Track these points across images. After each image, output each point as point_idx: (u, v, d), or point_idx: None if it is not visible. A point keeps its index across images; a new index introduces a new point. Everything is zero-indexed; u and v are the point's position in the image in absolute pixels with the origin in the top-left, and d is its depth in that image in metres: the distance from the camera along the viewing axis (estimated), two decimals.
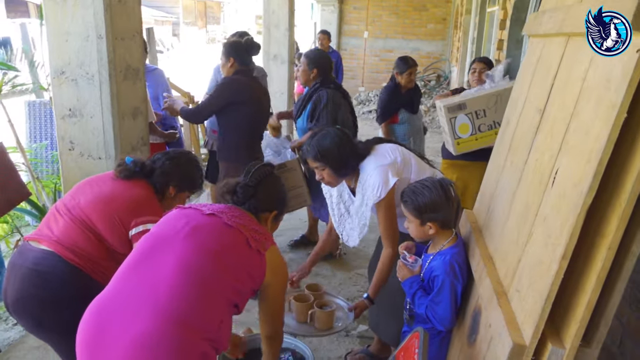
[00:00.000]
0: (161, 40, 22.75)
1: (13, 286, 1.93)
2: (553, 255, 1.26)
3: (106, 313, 1.52)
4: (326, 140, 2.30)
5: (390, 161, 2.31)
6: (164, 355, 1.44)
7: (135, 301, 1.50)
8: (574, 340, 1.23)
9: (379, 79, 12.67)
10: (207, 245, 1.61)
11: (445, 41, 12.42)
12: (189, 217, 1.70)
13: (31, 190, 3.67)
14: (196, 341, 1.49)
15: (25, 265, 1.92)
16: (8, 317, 3.37)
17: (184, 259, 1.56)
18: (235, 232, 1.68)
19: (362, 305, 2.39)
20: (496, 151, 2.19)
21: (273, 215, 1.93)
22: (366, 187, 2.31)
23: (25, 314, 1.94)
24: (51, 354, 2.83)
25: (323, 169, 2.31)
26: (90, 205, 1.99)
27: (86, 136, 2.95)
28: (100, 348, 1.48)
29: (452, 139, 3.49)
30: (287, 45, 6.84)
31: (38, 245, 1.96)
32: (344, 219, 2.56)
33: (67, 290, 1.89)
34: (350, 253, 4.26)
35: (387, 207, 2.29)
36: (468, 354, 1.77)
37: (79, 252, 1.93)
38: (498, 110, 3.34)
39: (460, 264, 1.91)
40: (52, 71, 2.90)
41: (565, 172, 1.32)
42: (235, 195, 1.86)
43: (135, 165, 2.12)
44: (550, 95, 1.59)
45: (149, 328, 1.45)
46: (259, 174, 1.89)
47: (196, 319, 1.51)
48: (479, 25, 6.86)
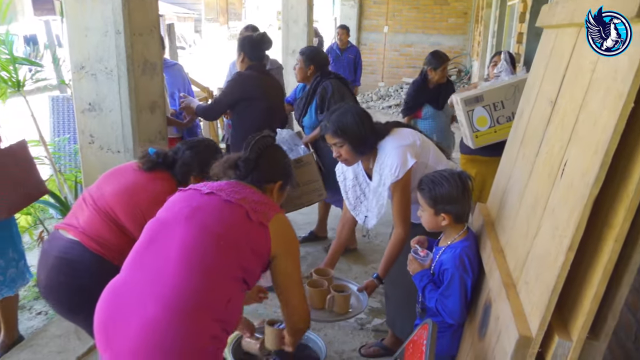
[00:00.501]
0: (183, 36, 22.96)
1: (44, 273, 2.02)
2: (560, 247, 1.25)
3: (117, 298, 1.57)
4: (346, 116, 2.27)
5: (410, 142, 2.30)
6: (172, 340, 1.47)
7: (142, 288, 1.54)
8: (581, 332, 1.22)
9: (398, 74, 12.60)
10: (207, 225, 1.59)
11: (466, 35, 12.28)
12: (189, 198, 1.69)
13: (53, 183, 3.77)
14: (205, 324, 1.51)
15: (54, 254, 2.01)
16: (32, 306, 3.47)
17: (185, 242, 1.56)
18: (235, 208, 1.64)
19: (371, 285, 2.37)
20: (509, 144, 2.18)
21: (278, 186, 1.87)
22: (384, 167, 2.29)
23: (55, 299, 2.04)
24: (72, 342, 2.90)
25: (342, 145, 2.28)
26: (114, 197, 2.03)
27: (105, 130, 3.00)
28: (112, 332, 1.53)
29: (470, 132, 3.46)
30: (305, 40, 6.84)
31: (66, 234, 2.03)
32: (360, 201, 2.54)
33: (93, 278, 1.93)
34: (366, 248, 4.27)
35: (403, 188, 2.27)
36: (478, 348, 1.77)
37: (103, 242, 1.98)
38: (516, 102, 3.29)
39: (471, 257, 1.90)
40: (72, 66, 2.96)
41: (574, 163, 1.31)
42: (238, 169, 1.82)
43: (158, 156, 2.14)
44: (562, 86, 1.57)
45: (156, 314, 1.48)
46: (259, 146, 1.85)
47: (202, 302, 1.51)
48: (499, 18, 6.78)
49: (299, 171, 3.49)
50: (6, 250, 2.73)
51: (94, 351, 2.86)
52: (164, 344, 1.47)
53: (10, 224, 2.79)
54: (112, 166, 2.99)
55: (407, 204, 2.31)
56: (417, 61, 12.54)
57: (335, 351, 2.94)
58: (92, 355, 2.82)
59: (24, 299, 3.50)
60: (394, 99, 11.84)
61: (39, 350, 2.83)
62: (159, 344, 1.47)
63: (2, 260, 2.71)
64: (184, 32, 24.14)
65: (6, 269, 2.73)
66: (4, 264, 2.71)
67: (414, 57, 12.58)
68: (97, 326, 1.59)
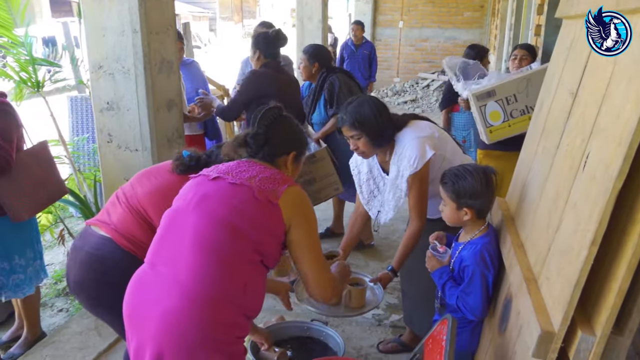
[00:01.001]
0: (198, 35, 23.08)
1: (74, 268, 2.04)
2: (582, 242, 1.23)
3: (140, 288, 1.61)
4: (364, 107, 2.24)
5: (428, 134, 2.27)
6: (192, 329, 1.48)
7: (161, 280, 1.56)
8: (605, 327, 1.20)
9: (414, 69, 12.51)
10: (215, 213, 1.57)
11: (483, 29, 12.15)
12: (197, 186, 1.67)
13: (73, 182, 3.81)
14: (224, 311, 1.52)
15: (85, 250, 2.03)
16: (53, 303, 3.53)
17: (196, 232, 1.56)
18: (241, 190, 1.60)
19: (386, 277, 2.33)
20: (529, 137, 2.15)
21: (292, 157, 1.80)
22: (402, 158, 2.26)
23: (84, 295, 2.06)
24: (92, 339, 2.95)
25: (359, 137, 2.25)
26: (146, 196, 2.04)
27: (123, 129, 3.03)
28: (136, 321, 1.58)
29: (483, 127, 3.43)
30: (320, 37, 6.83)
31: (98, 230, 2.05)
32: (373, 195, 2.52)
33: (122, 275, 1.93)
34: (383, 244, 4.25)
35: (421, 180, 2.24)
36: (499, 343, 1.75)
37: (133, 240, 2.00)
38: (530, 95, 3.26)
39: (491, 253, 1.88)
40: (90, 66, 2.99)
41: (596, 156, 1.29)
42: (248, 146, 1.77)
43: (191, 159, 2.13)
44: (583, 77, 1.54)
45: (174, 304, 1.50)
46: (267, 118, 1.77)
47: (219, 289, 1.51)
48: (516, 11, 6.69)
49: (314, 167, 3.49)
50: (25, 250, 2.78)
51: (115, 347, 2.90)
52: (185, 333, 1.49)
53: (31, 224, 2.83)
54: (130, 165, 3.05)
55: (425, 197, 2.29)
56: (432, 56, 12.44)
57: (353, 347, 2.93)
58: (113, 352, 2.86)
59: (45, 297, 3.56)
60: (409, 94, 11.78)
61: (61, 346, 2.88)
62: (180, 332, 1.49)
63: (23, 260, 2.75)
64: (199, 31, 24.27)
65: (26, 268, 2.78)
66: (24, 263, 2.76)
67: (429, 52, 12.48)
68: (125, 316, 1.65)
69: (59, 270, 3.96)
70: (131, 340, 1.61)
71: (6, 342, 3.03)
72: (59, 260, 4.12)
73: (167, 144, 3.15)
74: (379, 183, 2.49)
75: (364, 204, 2.57)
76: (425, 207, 2.30)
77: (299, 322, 2.66)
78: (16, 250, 2.72)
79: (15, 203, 2.61)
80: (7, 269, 2.69)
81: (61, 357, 2.79)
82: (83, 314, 3.20)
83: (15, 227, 2.69)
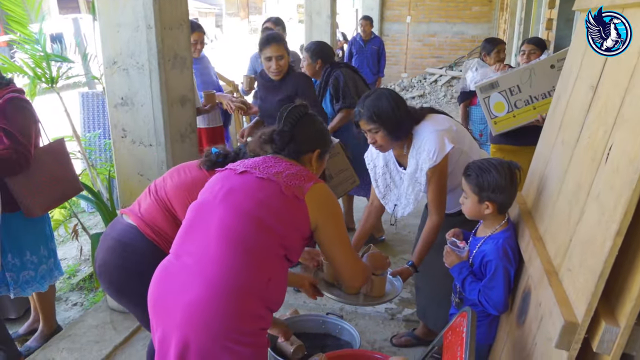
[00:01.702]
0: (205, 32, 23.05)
1: (101, 253, 2.11)
2: (607, 233, 1.23)
3: (167, 277, 1.63)
4: (381, 100, 2.22)
5: (446, 127, 2.27)
6: (218, 319, 1.50)
7: (187, 271, 1.58)
8: (629, 318, 1.20)
9: (422, 65, 12.48)
10: (242, 206, 1.60)
11: (491, 24, 12.09)
12: (224, 179, 1.70)
13: (86, 177, 3.84)
14: (249, 303, 1.54)
15: (112, 236, 2.10)
16: (68, 297, 3.56)
17: (222, 224, 1.58)
18: (268, 184, 1.63)
19: (406, 272, 2.33)
20: (546, 131, 2.15)
21: (316, 155, 1.84)
22: (421, 152, 2.25)
23: (107, 279, 2.11)
24: (108, 332, 2.97)
25: (377, 131, 2.23)
26: (173, 190, 2.09)
27: (137, 124, 3.05)
28: (161, 311, 1.61)
29: (489, 119, 3.44)
30: (329, 32, 6.82)
31: (127, 218, 2.12)
32: (389, 189, 2.51)
33: (143, 263, 1.98)
34: (395, 239, 4.26)
35: (441, 174, 2.23)
36: (517, 335, 1.76)
37: (157, 230, 2.05)
38: (533, 85, 3.28)
39: (513, 247, 1.88)
40: (105, 61, 3.00)
41: (620, 148, 1.29)
42: (274, 143, 1.80)
43: (218, 156, 2.16)
44: (604, 70, 1.54)
45: (201, 294, 1.52)
46: (293, 117, 1.81)
47: (245, 281, 1.53)
48: (526, 5, 6.66)
49: (329, 163, 3.50)
50: (38, 247, 2.78)
51: (130, 341, 2.93)
52: (210, 322, 1.51)
53: (43, 221, 2.84)
54: (144, 160, 3.07)
55: (444, 190, 2.28)
56: (440, 51, 12.40)
57: (367, 341, 2.94)
58: (128, 345, 2.89)
59: (59, 291, 3.60)
60: (417, 89, 11.75)
61: (77, 339, 2.91)
62: (205, 322, 1.51)
63: (35, 257, 2.76)
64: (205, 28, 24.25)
65: (38, 265, 2.78)
66: (37, 260, 2.77)
67: (437, 47, 12.44)
68: (150, 305, 1.67)
69: (72, 265, 4.00)
70: (156, 331, 1.64)
71: (22, 335, 3.06)
72: (72, 255, 4.15)
73: (180, 139, 3.16)
74: (395, 177, 2.49)
75: (380, 198, 2.56)
76: (444, 200, 2.29)
77: (314, 316, 2.67)
78: (28, 246, 2.73)
79: (29, 199, 2.62)
80: (17, 265, 2.70)
81: (77, 350, 2.82)
82: (98, 307, 3.23)
83: (28, 223, 2.70)
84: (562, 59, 3.22)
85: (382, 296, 2.26)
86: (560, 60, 3.23)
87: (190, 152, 3.16)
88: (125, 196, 3.09)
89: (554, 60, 3.25)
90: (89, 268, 3.89)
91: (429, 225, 2.32)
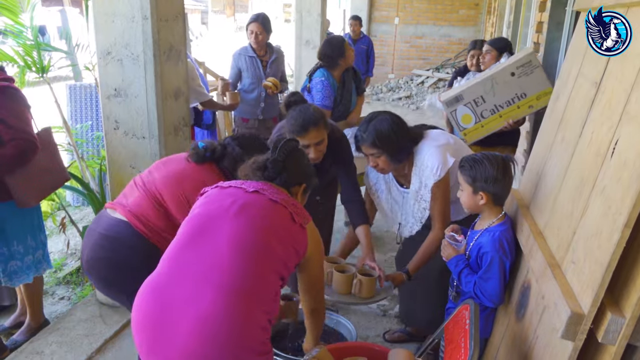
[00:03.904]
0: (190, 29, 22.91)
1: (87, 248, 2.09)
2: (614, 225, 1.26)
3: (166, 292, 1.55)
4: (383, 126, 2.25)
5: (445, 142, 2.32)
6: (229, 328, 1.47)
7: (195, 279, 1.53)
8: (635, 309, 1.22)
9: (409, 66, 12.55)
10: (257, 222, 1.63)
11: (477, 27, 12.21)
12: (235, 195, 1.71)
13: (76, 169, 3.78)
14: (257, 315, 1.54)
15: (98, 230, 2.08)
16: (54, 291, 3.50)
17: (237, 236, 1.59)
18: (280, 208, 1.69)
19: (399, 278, 2.36)
20: (544, 129, 2.17)
21: (303, 189, 1.91)
22: (423, 169, 2.29)
23: (96, 274, 2.09)
24: (98, 326, 2.93)
25: (379, 156, 2.28)
26: (162, 182, 2.10)
27: (130, 116, 3.01)
28: (164, 326, 1.50)
29: (458, 131, 3.50)
30: (319, 31, 6.82)
31: (114, 213, 2.10)
32: (394, 211, 2.55)
33: (133, 256, 1.99)
34: (385, 236, 4.27)
35: (445, 188, 2.28)
36: (517, 329, 1.78)
37: (147, 223, 2.04)
38: (497, 94, 3.34)
39: (509, 240, 1.91)
40: (99, 52, 2.96)
41: (627, 142, 1.31)
42: (266, 170, 1.84)
43: (206, 150, 2.18)
44: (607, 67, 1.56)
45: (213, 304, 1.48)
46: (287, 148, 1.88)
47: (256, 294, 1.54)
48: (515, 8, 6.73)
49: None
50: (25, 237, 2.74)
51: (120, 334, 2.89)
52: (218, 334, 1.46)
53: (32, 211, 2.79)
54: (137, 152, 3.03)
55: (448, 203, 2.32)
56: (427, 53, 12.49)
57: (360, 336, 2.95)
58: (119, 338, 2.85)
59: (46, 285, 3.53)
60: (404, 90, 11.81)
61: (66, 333, 2.86)
62: (213, 334, 1.46)
63: (21, 247, 2.71)
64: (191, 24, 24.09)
65: (24, 256, 2.74)
66: (22, 250, 2.72)
67: (424, 49, 12.53)
68: (141, 322, 1.56)
69: (59, 259, 3.93)
70: (148, 356, 1.54)
71: (8, 328, 3.00)
72: (59, 249, 4.08)
73: (174, 132, 3.13)
74: (397, 197, 2.52)
75: (386, 220, 2.63)
76: (449, 213, 2.34)
77: None
78: (15, 236, 2.68)
79: (22, 190, 2.59)
80: (5, 254, 2.66)
81: (67, 344, 2.78)
82: (87, 301, 3.18)
83: (17, 213, 2.66)
84: (521, 65, 3.27)
85: (373, 297, 2.30)
86: (520, 67, 3.27)
87: (183, 145, 3.13)
88: (116, 188, 3.05)
89: (513, 67, 3.29)
90: (76, 262, 3.83)
91: (431, 236, 2.35)
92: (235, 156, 2.20)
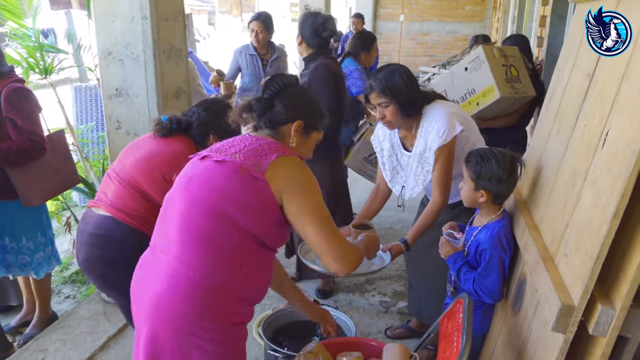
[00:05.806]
0: (197, 29, 23.00)
1: (81, 249, 2.11)
2: (603, 216, 1.25)
3: (140, 272, 1.63)
4: (394, 75, 2.19)
5: (457, 111, 2.27)
6: (181, 316, 1.46)
7: (157, 263, 1.54)
8: (625, 301, 1.22)
9: (415, 63, 12.50)
10: (199, 198, 1.48)
11: (483, 23, 12.16)
12: (187, 168, 1.59)
13: (80, 169, 3.81)
14: (217, 300, 1.47)
15: (87, 230, 2.10)
16: (60, 290, 3.54)
17: (182, 218, 1.49)
18: (225, 167, 1.48)
19: (397, 248, 2.24)
20: (540, 123, 2.17)
21: (297, 126, 1.61)
22: (430, 131, 2.22)
23: (93, 273, 2.12)
24: (102, 324, 2.96)
25: (387, 105, 2.19)
26: (134, 166, 2.08)
27: (132, 115, 3.03)
28: (136, 304, 1.60)
29: None
30: None
31: (97, 210, 2.11)
32: (396, 172, 2.48)
33: (126, 249, 1.99)
34: (388, 233, 4.27)
35: (448, 154, 2.21)
36: (513, 323, 1.78)
37: (131, 212, 2.05)
38: (455, 89, 3.34)
39: (507, 236, 1.89)
40: (100, 52, 2.99)
41: (617, 133, 1.30)
42: (253, 111, 1.63)
43: (171, 122, 2.15)
44: (600, 59, 1.55)
45: (163, 290, 1.48)
46: (276, 85, 1.64)
47: (209, 279, 1.45)
48: (519, 3, 6.71)
49: None
50: (35, 234, 2.79)
51: (124, 332, 2.91)
52: (174, 319, 1.47)
53: (40, 209, 2.83)
54: None
55: (450, 172, 2.24)
56: (433, 50, 12.45)
57: (362, 333, 2.95)
58: (122, 336, 2.87)
59: (52, 283, 3.56)
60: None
61: (70, 331, 2.89)
62: (169, 318, 1.47)
63: (31, 243, 2.77)
64: (198, 25, 24.18)
65: (35, 252, 2.79)
66: (33, 246, 2.77)
67: (430, 46, 12.50)
68: (131, 298, 1.66)
69: (64, 258, 3.97)
70: (137, 326, 1.62)
71: (14, 327, 3.04)
72: (65, 249, 4.11)
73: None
74: (401, 159, 2.45)
75: (387, 181, 2.52)
76: (449, 182, 2.25)
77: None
78: (24, 232, 2.74)
79: (27, 189, 2.63)
80: (15, 248, 2.72)
81: (71, 341, 2.81)
82: (91, 299, 3.21)
83: (24, 210, 2.71)
84: (472, 60, 3.25)
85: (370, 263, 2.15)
86: (471, 62, 3.25)
87: None
88: None
89: (466, 62, 3.27)
90: None
91: (431, 206, 2.27)
92: (202, 120, 2.17)
